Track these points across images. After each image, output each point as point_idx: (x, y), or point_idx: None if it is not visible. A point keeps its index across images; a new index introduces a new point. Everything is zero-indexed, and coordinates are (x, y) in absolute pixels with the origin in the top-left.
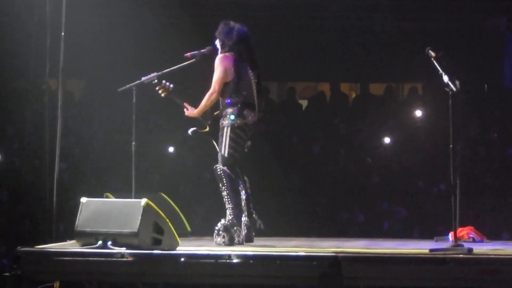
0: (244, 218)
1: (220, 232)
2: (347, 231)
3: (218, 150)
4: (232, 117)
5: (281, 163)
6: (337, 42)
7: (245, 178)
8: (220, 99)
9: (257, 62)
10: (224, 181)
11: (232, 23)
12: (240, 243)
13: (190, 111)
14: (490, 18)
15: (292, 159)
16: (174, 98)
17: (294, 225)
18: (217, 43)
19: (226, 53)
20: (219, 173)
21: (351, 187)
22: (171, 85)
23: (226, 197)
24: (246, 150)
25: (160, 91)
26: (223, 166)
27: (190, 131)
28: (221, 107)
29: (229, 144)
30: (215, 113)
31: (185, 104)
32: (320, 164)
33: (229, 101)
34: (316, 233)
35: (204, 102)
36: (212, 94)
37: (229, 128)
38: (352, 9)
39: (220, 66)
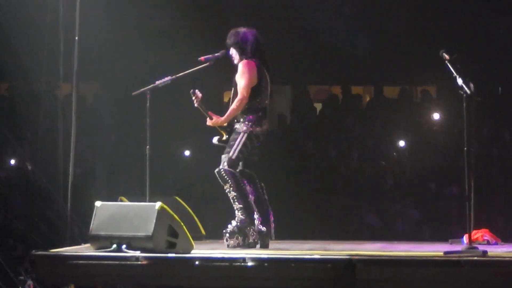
0: (256, 216)
1: (233, 234)
2: (361, 234)
3: (225, 152)
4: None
5: (295, 166)
6: (351, 45)
7: (262, 184)
8: None
9: (269, 66)
10: (230, 181)
11: (242, 29)
12: (256, 242)
13: (215, 120)
14: (503, 19)
15: (306, 162)
16: (203, 107)
17: (308, 228)
18: (233, 52)
19: (250, 59)
20: (223, 174)
21: (365, 190)
22: (200, 94)
23: (234, 197)
24: (256, 157)
25: (194, 100)
26: (228, 167)
27: (215, 140)
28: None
29: (240, 149)
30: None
31: (210, 113)
32: (334, 166)
33: (249, 107)
34: (330, 235)
35: (233, 109)
36: (242, 100)
37: (246, 134)
38: (365, 11)
39: (246, 73)
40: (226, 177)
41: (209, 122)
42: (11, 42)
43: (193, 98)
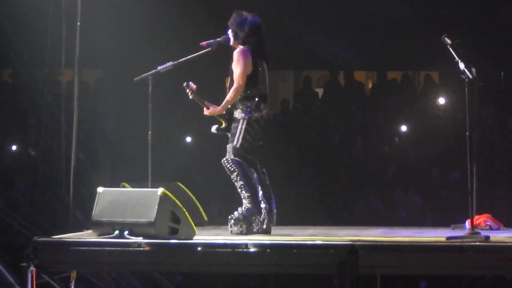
0: (263, 205)
1: (238, 221)
2: (364, 220)
3: (229, 141)
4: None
5: (297, 152)
6: (353, 30)
7: (264, 170)
8: None
9: (268, 54)
10: (237, 171)
11: (245, 14)
12: (260, 232)
13: (212, 109)
14: (507, 6)
15: (308, 148)
16: (198, 99)
17: (310, 214)
18: (230, 33)
19: (242, 46)
20: (230, 163)
21: (368, 176)
22: (194, 86)
23: (241, 186)
24: (261, 143)
25: (188, 92)
26: (234, 156)
27: (213, 129)
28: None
29: (243, 136)
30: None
31: (206, 103)
32: (337, 152)
33: (246, 94)
34: (333, 221)
35: (229, 97)
36: (237, 89)
37: (245, 121)
38: None
39: (241, 60)
40: (232, 166)
41: (206, 112)
42: (14, 29)
43: (187, 91)
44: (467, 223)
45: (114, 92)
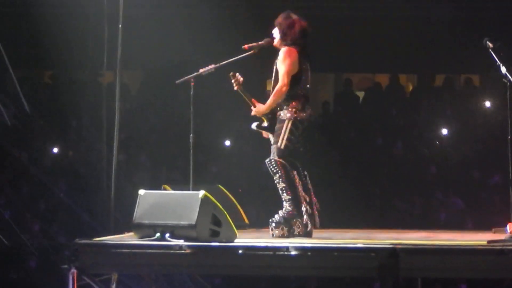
0: (304, 208)
1: (279, 224)
2: (404, 222)
3: (272, 142)
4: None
5: (338, 154)
6: (394, 33)
7: (305, 173)
8: None
9: (310, 56)
10: (280, 172)
11: (293, 16)
12: (301, 235)
13: (258, 108)
14: None
15: (349, 150)
16: (244, 92)
17: (351, 216)
18: (276, 32)
19: (290, 46)
20: (273, 165)
21: (408, 178)
22: (241, 78)
23: (283, 188)
24: (301, 149)
25: (234, 83)
26: (278, 158)
27: (254, 126)
28: (281, 100)
29: (287, 137)
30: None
31: (253, 101)
32: (377, 155)
33: (292, 94)
34: (373, 223)
35: (274, 96)
36: (282, 87)
37: (290, 121)
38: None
39: (287, 59)
40: (276, 167)
41: (253, 112)
42: (55, 30)
43: (233, 80)
44: (509, 227)
45: (155, 94)
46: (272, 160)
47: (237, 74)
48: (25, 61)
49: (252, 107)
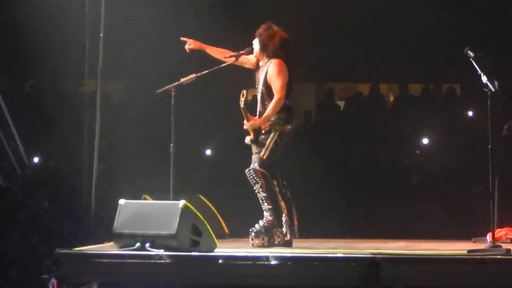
0: (284, 218)
1: (259, 234)
2: (385, 232)
3: (255, 152)
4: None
5: (319, 164)
6: (375, 43)
7: (284, 183)
8: (267, 104)
9: (293, 68)
10: (260, 182)
11: (274, 27)
12: (281, 244)
13: (253, 122)
14: None
15: (329, 160)
16: (245, 107)
17: (332, 226)
18: (256, 43)
19: (275, 58)
20: (254, 174)
21: (389, 187)
22: (246, 94)
23: (263, 198)
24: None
25: (243, 100)
26: (260, 167)
27: (247, 140)
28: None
29: (271, 148)
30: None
31: (249, 115)
32: (358, 164)
33: (282, 106)
34: (354, 233)
35: (271, 110)
36: (280, 100)
37: (277, 133)
38: (392, 9)
39: (282, 72)
40: (256, 177)
41: (246, 125)
42: (36, 39)
43: (242, 98)
44: (489, 236)
45: (136, 103)
46: (252, 170)
47: (245, 92)
48: (5, 70)
49: (245, 121)
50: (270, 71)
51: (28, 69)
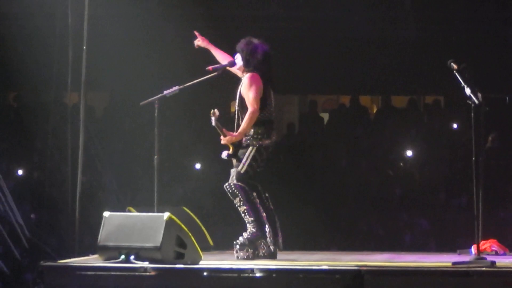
0: (267, 229)
1: (243, 246)
2: (369, 244)
3: (234, 166)
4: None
5: (302, 176)
6: (358, 55)
7: (266, 194)
8: (243, 118)
9: (274, 80)
10: (240, 196)
11: (255, 40)
12: (266, 256)
13: (230, 137)
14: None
15: (313, 172)
16: (219, 125)
17: (316, 238)
18: (238, 57)
19: (253, 72)
20: (233, 188)
21: (373, 199)
22: (218, 112)
23: (245, 211)
24: (259, 170)
25: (213, 119)
26: (237, 181)
27: (224, 155)
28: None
29: (249, 163)
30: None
31: (224, 130)
32: (341, 176)
33: (256, 121)
34: (338, 245)
35: (245, 123)
36: (253, 113)
37: (255, 148)
38: (374, 21)
39: (253, 84)
40: (235, 191)
41: (223, 141)
42: (19, 51)
43: (212, 117)
44: (473, 248)
45: (120, 115)
46: (231, 184)
47: (215, 110)
48: None
49: (222, 136)
50: (243, 85)
51: (11, 82)
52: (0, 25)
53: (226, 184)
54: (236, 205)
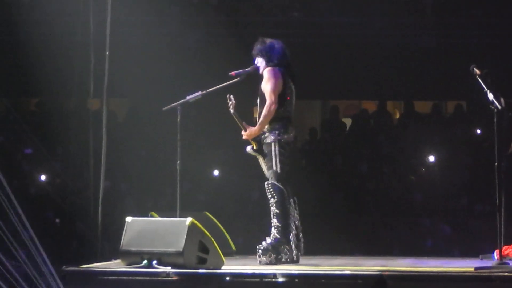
0: (292, 238)
1: (266, 251)
2: (391, 249)
3: (267, 167)
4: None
5: (324, 181)
6: (380, 60)
7: (295, 198)
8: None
9: (295, 75)
10: (276, 198)
11: (268, 40)
12: (289, 262)
13: (249, 131)
14: None
15: (335, 177)
16: (237, 116)
17: (338, 243)
18: (259, 60)
19: (274, 67)
20: (271, 188)
21: (395, 205)
22: (234, 101)
23: (276, 214)
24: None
25: (230, 105)
26: (277, 182)
27: (248, 149)
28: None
29: (279, 159)
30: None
31: (244, 124)
32: (363, 182)
33: (274, 116)
34: (360, 250)
35: (263, 116)
36: (271, 105)
37: (276, 144)
38: (396, 27)
39: (272, 78)
40: (273, 192)
41: (244, 136)
42: (41, 58)
43: (229, 103)
44: (496, 254)
45: (142, 121)
46: (271, 184)
47: (232, 96)
48: (11, 89)
49: (243, 131)
50: (263, 80)
51: (33, 88)
52: (22, 32)
53: (266, 182)
54: (270, 205)
